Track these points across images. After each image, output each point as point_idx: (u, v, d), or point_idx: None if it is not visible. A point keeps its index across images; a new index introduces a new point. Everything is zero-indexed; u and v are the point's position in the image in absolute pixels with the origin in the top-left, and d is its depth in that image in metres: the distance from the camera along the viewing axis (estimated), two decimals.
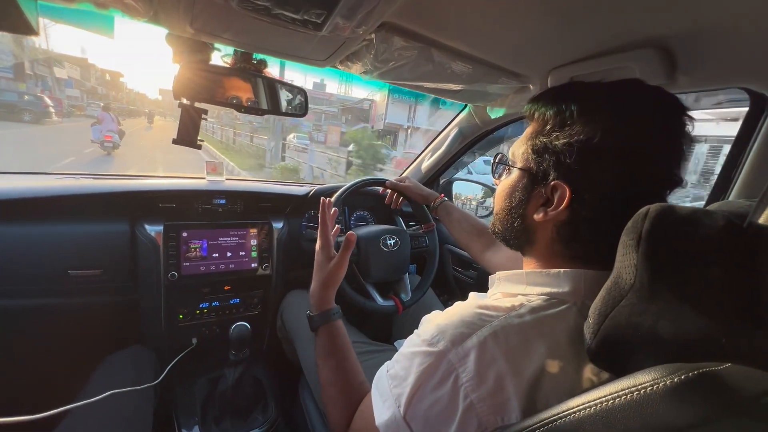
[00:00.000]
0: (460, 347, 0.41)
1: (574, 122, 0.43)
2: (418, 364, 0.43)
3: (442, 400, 0.41)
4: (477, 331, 0.42)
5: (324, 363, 0.66)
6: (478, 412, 0.39)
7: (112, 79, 66.95)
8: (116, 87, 68.99)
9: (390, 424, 0.44)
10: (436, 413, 0.41)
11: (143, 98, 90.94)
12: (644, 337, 0.33)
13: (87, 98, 37.32)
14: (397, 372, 0.46)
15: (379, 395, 0.48)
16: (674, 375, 0.28)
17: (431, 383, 0.42)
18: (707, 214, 0.31)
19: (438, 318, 0.46)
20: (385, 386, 0.47)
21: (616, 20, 0.59)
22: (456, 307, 0.47)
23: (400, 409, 0.43)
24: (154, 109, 49.80)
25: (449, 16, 0.64)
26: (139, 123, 29.44)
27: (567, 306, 0.44)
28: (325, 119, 24.22)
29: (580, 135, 0.42)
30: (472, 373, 0.40)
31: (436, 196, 1.09)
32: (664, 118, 0.43)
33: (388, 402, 0.45)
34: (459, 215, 1.03)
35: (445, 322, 0.44)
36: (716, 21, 0.53)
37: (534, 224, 0.48)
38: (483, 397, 0.39)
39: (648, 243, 0.32)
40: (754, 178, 0.65)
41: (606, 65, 0.68)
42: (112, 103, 18.58)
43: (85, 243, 0.96)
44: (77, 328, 0.98)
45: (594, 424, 0.31)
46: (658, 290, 0.32)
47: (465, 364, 0.40)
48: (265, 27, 0.62)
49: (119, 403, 0.79)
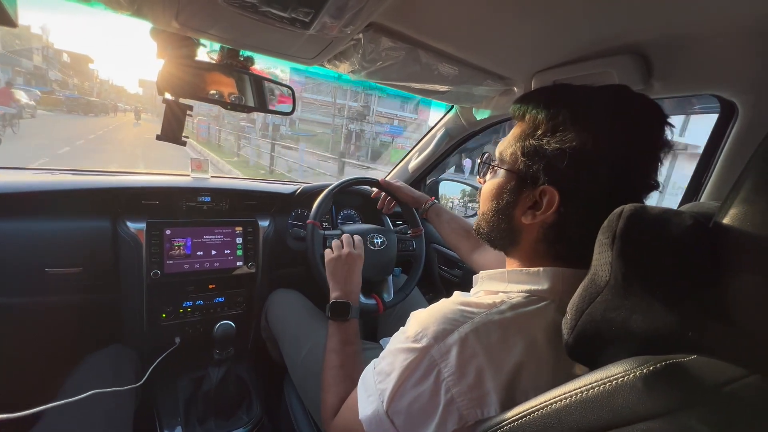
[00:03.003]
0: (442, 343, 0.42)
1: (567, 128, 0.44)
2: (402, 359, 0.44)
3: (424, 394, 0.42)
4: (459, 327, 0.43)
5: (341, 349, 0.71)
6: (459, 406, 0.40)
7: (75, 62, 57.00)
8: (82, 73, 59.15)
9: (373, 419, 0.46)
10: (418, 408, 0.42)
11: (122, 92, 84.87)
12: (618, 331, 0.35)
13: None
14: (383, 368, 0.47)
15: (364, 390, 0.49)
16: (643, 366, 0.30)
17: (414, 378, 0.43)
18: (676, 214, 0.33)
19: (422, 315, 0.47)
20: (371, 381, 0.48)
21: (597, 27, 0.61)
22: (439, 304, 0.48)
23: (383, 404, 0.44)
24: (131, 104, 45.01)
25: (436, 18, 0.65)
26: (105, 122, 23.82)
27: (546, 303, 0.45)
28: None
29: (573, 141, 0.43)
30: (454, 368, 0.41)
31: (427, 198, 1.10)
32: (650, 127, 0.44)
33: (372, 397, 0.47)
34: (448, 217, 1.05)
35: (428, 319, 0.45)
36: (690, 31, 0.56)
37: (520, 226, 0.49)
38: (464, 391, 0.40)
39: (622, 241, 0.33)
40: (723, 181, 0.68)
41: (587, 70, 0.70)
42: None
43: (64, 240, 0.93)
44: (55, 327, 0.95)
45: (571, 414, 0.33)
46: (630, 286, 0.33)
47: (447, 360, 0.41)
48: (252, 24, 0.62)
49: (98, 403, 0.77)
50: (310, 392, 0.88)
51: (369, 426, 0.47)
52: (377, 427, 0.46)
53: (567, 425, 0.32)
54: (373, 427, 0.46)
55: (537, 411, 0.35)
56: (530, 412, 0.35)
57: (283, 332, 1.04)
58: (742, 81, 0.63)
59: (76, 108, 26.39)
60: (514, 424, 0.36)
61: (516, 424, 0.36)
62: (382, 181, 1.16)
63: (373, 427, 0.46)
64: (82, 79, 59.40)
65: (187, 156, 7.23)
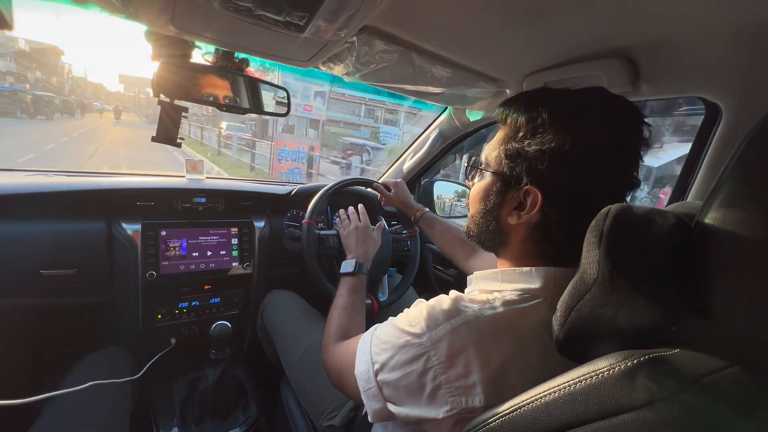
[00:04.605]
0: (434, 332, 0.44)
1: (546, 130, 0.46)
2: (396, 337, 0.47)
3: (411, 375, 0.44)
4: (451, 319, 0.44)
5: (347, 295, 0.81)
6: (445, 392, 0.42)
7: (38, 54, 45.45)
8: (46, 67, 47.72)
9: (364, 377, 0.50)
10: (405, 386, 0.45)
11: (100, 90, 74.27)
12: (605, 327, 0.36)
13: None
14: (381, 337, 0.51)
15: (362, 348, 0.53)
16: (628, 360, 0.31)
17: (404, 358, 0.45)
18: (660, 213, 0.34)
19: (423, 303, 0.49)
20: (367, 345, 0.52)
21: (586, 31, 0.62)
22: (439, 297, 0.49)
23: (374, 371, 0.49)
24: (111, 102, 37.28)
25: (430, 21, 0.66)
26: (66, 127, 17.75)
27: (538, 301, 0.46)
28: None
29: (552, 143, 0.45)
30: (443, 357, 0.43)
31: (418, 208, 1.09)
32: (626, 127, 0.46)
33: (366, 358, 0.50)
34: (441, 227, 1.03)
35: (426, 309, 0.47)
36: (675, 35, 0.58)
37: (508, 226, 0.51)
38: (451, 379, 0.42)
39: (608, 240, 0.35)
40: (709, 181, 0.70)
41: (577, 72, 0.72)
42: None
43: (58, 242, 0.93)
44: (51, 329, 0.95)
45: (559, 407, 0.34)
46: (617, 284, 0.35)
47: (437, 348, 0.43)
48: (247, 27, 0.62)
49: (94, 402, 0.77)
50: (306, 392, 0.89)
51: (361, 382, 0.50)
52: (367, 386, 0.49)
53: (556, 417, 0.34)
54: (363, 383, 0.50)
55: (527, 404, 0.36)
56: (521, 406, 0.36)
57: (280, 332, 1.05)
58: (725, 84, 0.64)
59: (12, 109, 18.87)
60: (505, 417, 0.37)
61: (507, 418, 0.37)
62: (375, 185, 1.17)
63: (363, 383, 0.50)
64: (48, 73, 49.97)
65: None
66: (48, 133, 14.73)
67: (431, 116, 1.41)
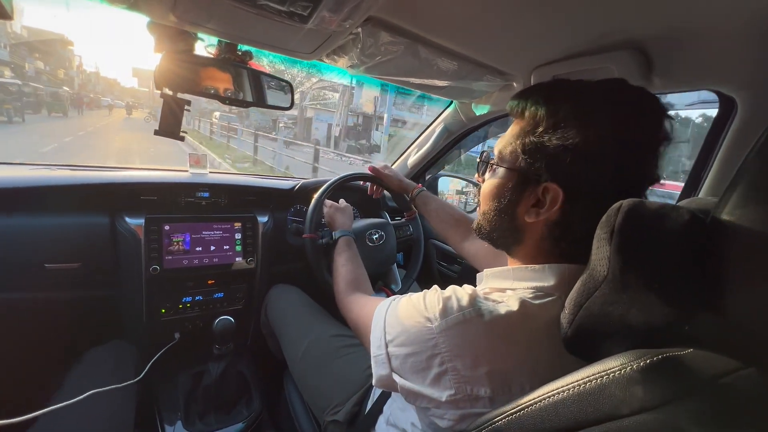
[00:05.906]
0: (444, 320, 0.44)
1: (569, 125, 0.43)
2: (408, 317, 0.48)
3: (420, 356, 0.45)
4: (465, 310, 0.44)
5: (344, 252, 0.88)
6: (450, 378, 0.43)
7: (40, 42, 41.42)
8: (51, 57, 43.90)
9: (375, 342, 0.52)
10: (412, 363, 0.46)
11: (114, 85, 73.94)
12: (615, 325, 0.35)
13: None
14: (396, 311, 0.51)
15: (378, 315, 0.55)
16: (640, 360, 0.30)
17: (413, 339, 0.46)
18: (674, 209, 0.33)
19: (439, 291, 0.49)
20: (383, 314, 0.53)
21: (597, 22, 0.61)
22: (455, 288, 0.49)
23: (385, 340, 0.50)
24: (124, 98, 33.49)
25: (436, 12, 0.65)
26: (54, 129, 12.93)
27: (553, 298, 0.45)
28: None
29: (575, 138, 0.43)
30: (452, 346, 0.43)
31: (414, 186, 1.07)
32: (650, 121, 0.44)
33: (380, 325, 0.52)
34: (436, 205, 1.01)
35: (443, 297, 0.47)
36: (689, 27, 0.56)
37: (524, 224, 0.49)
38: (457, 368, 0.42)
39: (620, 236, 0.33)
40: (722, 176, 0.68)
41: (586, 65, 0.70)
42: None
43: (62, 236, 0.93)
44: (55, 323, 0.95)
45: (568, 407, 0.33)
46: (628, 281, 0.34)
47: (446, 336, 0.43)
48: (250, 18, 0.61)
49: (100, 400, 0.78)
50: (309, 387, 0.89)
51: (373, 348, 0.52)
52: (378, 352, 0.51)
53: (564, 417, 0.33)
54: (375, 350, 0.52)
55: (535, 404, 0.35)
56: (528, 405, 0.36)
57: (283, 327, 1.05)
58: (741, 77, 0.62)
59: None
60: (512, 416, 0.36)
61: (514, 417, 0.36)
62: (370, 168, 1.15)
63: (375, 350, 0.52)
64: (54, 65, 44.92)
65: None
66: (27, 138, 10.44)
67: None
